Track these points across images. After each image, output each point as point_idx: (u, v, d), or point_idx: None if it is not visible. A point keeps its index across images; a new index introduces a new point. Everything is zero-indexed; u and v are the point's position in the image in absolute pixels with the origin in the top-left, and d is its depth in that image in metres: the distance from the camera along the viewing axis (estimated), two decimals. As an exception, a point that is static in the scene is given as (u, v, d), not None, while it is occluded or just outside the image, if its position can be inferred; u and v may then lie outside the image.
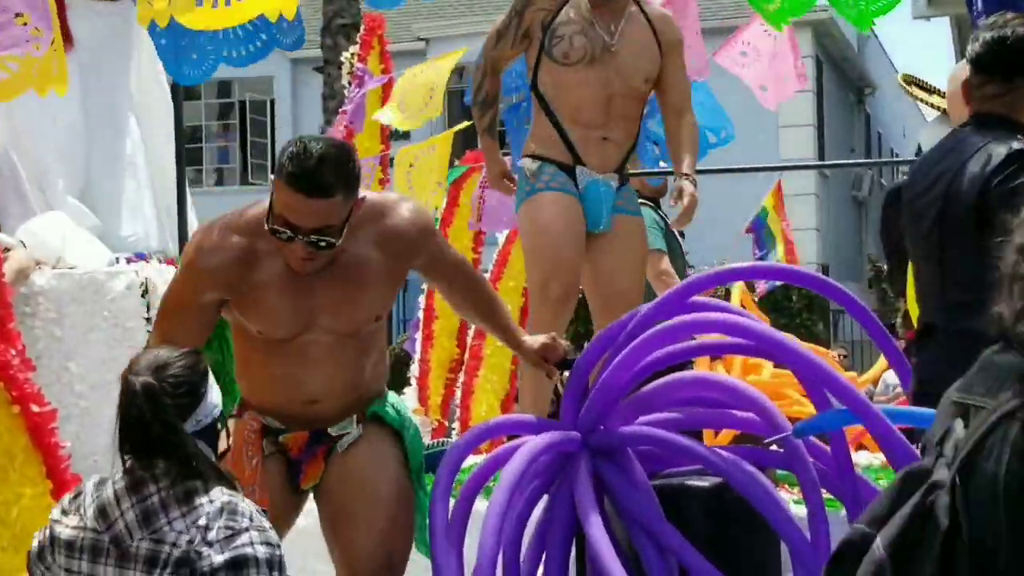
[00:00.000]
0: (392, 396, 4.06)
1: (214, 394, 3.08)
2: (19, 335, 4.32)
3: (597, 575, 4.01)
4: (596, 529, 3.75)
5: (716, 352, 4.73)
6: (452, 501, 3.93)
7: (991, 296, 3.92)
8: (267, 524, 2.96)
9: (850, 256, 27.25)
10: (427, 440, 7.01)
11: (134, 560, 2.89)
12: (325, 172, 3.49)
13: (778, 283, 15.63)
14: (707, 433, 5.37)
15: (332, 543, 3.92)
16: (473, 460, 4.73)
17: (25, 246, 5.34)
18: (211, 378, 3.10)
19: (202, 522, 2.88)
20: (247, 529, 2.88)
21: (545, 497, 4.13)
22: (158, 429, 2.94)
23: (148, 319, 5.15)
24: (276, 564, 2.90)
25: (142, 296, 5.14)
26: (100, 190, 6.15)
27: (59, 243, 5.38)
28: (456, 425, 8.50)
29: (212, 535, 2.86)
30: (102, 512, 2.98)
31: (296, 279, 3.67)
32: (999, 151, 3.96)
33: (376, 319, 3.84)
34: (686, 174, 5.31)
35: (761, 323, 3.95)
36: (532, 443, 3.93)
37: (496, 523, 3.73)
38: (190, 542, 2.87)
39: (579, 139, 5.28)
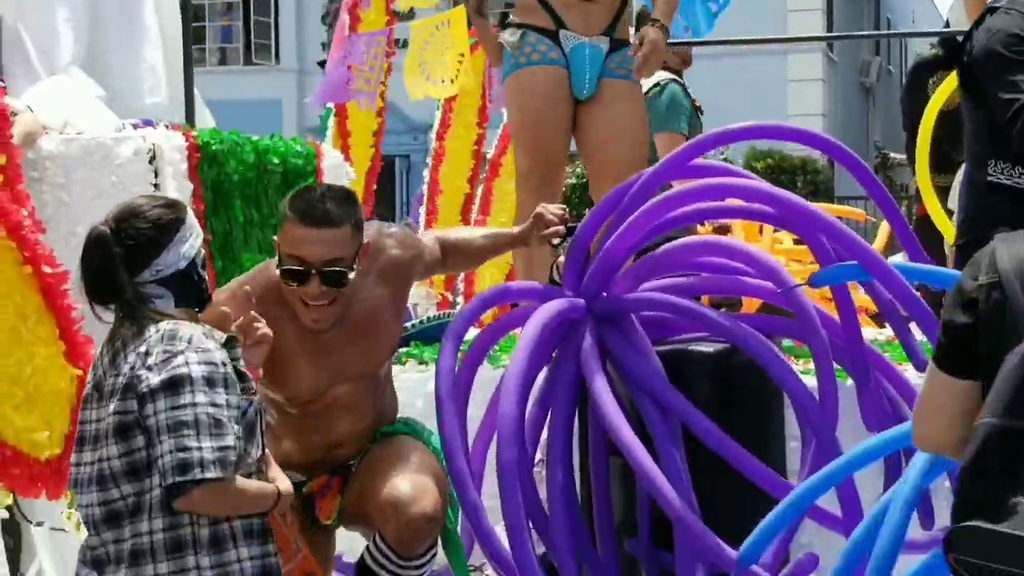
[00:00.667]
0: (403, 417, 4.07)
1: (184, 247, 3.12)
2: (29, 197, 4.33)
3: (601, 441, 4.07)
4: (603, 393, 3.79)
5: (722, 216, 4.72)
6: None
7: (985, 149, 4.00)
8: (211, 346, 3.01)
9: (857, 142, 27.10)
10: (432, 313, 7.06)
11: (106, 398, 3.03)
12: (330, 204, 3.59)
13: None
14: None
15: (371, 512, 3.73)
16: (474, 333, 4.75)
17: (32, 111, 5.32)
18: (186, 230, 3.13)
19: (143, 349, 2.99)
20: (183, 351, 2.96)
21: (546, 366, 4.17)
22: (100, 277, 3.06)
23: (155, 185, 5.15)
24: (218, 382, 2.97)
25: (149, 162, 5.13)
26: (114, 56, 6.10)
27: (65, 108, 5.37)
28: (460, 299, 8.54)
29: (151, 360, 2.97)
30: (93, 366, 3.16)
31: (315, 338, 3.64)
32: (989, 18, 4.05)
33: (392, 351, 3.88)
34: (655, 19, 5.20)
35: (769, 185, 3.96)
36: (542, 311, 3.96)
37: (516, 390, 3.76)
38: (132, 368, 2.98)
39: (560, 3, 5.20)
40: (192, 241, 3.14)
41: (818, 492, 3.12)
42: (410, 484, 3.64)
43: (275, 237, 3.69)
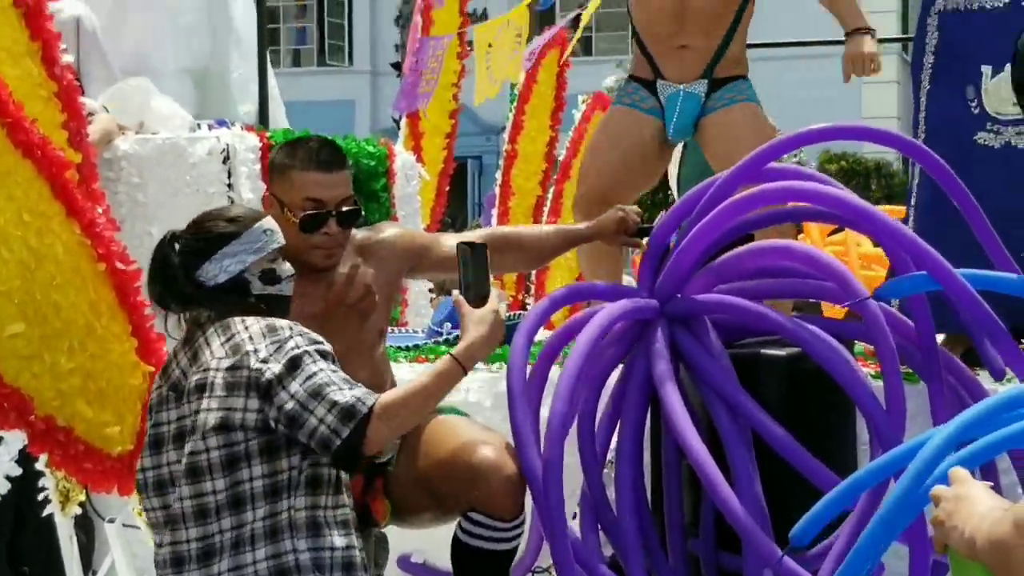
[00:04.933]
0: None
1: (229, 261, 3.22)
2: (104, 195, 4.37)
3: (672, 441, 4.05)
4: (672, 396, 3.77)
5: (798, 219, 4.67)
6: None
7: None
8: (307, 331, 3.14)
9: (931, 146, 26.83)
10: (504, 314, 7.06)
11: (187, 394, 3.06)
12: (330, 149, 3.82)
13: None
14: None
15: (455, 490, 3.69)
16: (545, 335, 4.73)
17: (108, 111, 5.38)
18: (238, 245, 3.23)
19: (249, 347, 3.06)
20: (291, 336, 3.07)
21: (620, 365, 4.16)
22: (160, 280, 3.26)
23: (229, 184, 5.20)
24: (329, 356, 3.09)
25: (223, 162, 5.18)
26: (218, 66, 6.10)
27: (141, 108, 5.43)
28: (531, 300, 8.54)
29: (263, 353, 3.05)
30: (164, 371, 3.25)
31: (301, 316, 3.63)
32: None
33: (380, 334, 3.94)
34: (854, 29, 5.16)
35: (842, 190, 3.92)
36: (609, 309, 3.95)
37: (569, 387, 3.75)
38: (242, 363, 3.06)
39: (657, 52, 5.19)
40: (243, 256, 3.21)
41: (871, 480, 3.03)
42: (489, 448, 3.66)
43: (268, 193, 3.85)
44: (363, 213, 3.78)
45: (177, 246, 3.22)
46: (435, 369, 3.14)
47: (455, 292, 3.28)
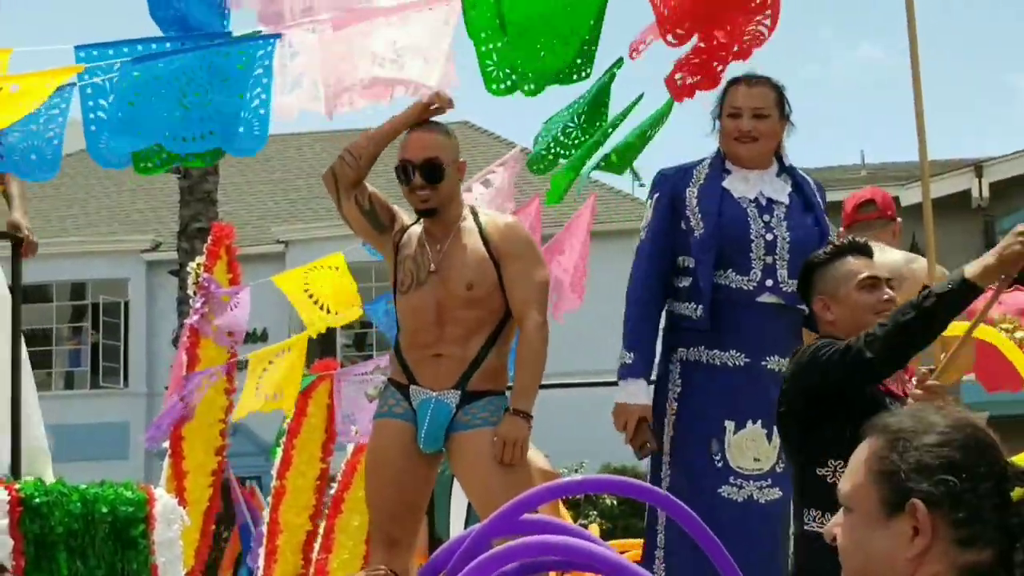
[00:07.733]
0: None
1: None
2: None
3: None
4: None
5: (550, 570, 4.69)
6: None
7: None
8: None
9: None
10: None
11: None
12: None
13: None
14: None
15: None
16: None
17: None
18: None
19: None
20: None
21: None
22: None
23: (-22, 550, 4.96)
24: None
25: (-28, 524, 4.96)
26: None
27: None
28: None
29: None
30: None
31: None
32: None
33: None
34: (515, 410, 5.14)
35: (597, 545, 3.94)
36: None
37: None
38: None
39: (413, 359, 5.24)
40: None
41: None
42: None
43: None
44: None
45: None
46: None
47: None
